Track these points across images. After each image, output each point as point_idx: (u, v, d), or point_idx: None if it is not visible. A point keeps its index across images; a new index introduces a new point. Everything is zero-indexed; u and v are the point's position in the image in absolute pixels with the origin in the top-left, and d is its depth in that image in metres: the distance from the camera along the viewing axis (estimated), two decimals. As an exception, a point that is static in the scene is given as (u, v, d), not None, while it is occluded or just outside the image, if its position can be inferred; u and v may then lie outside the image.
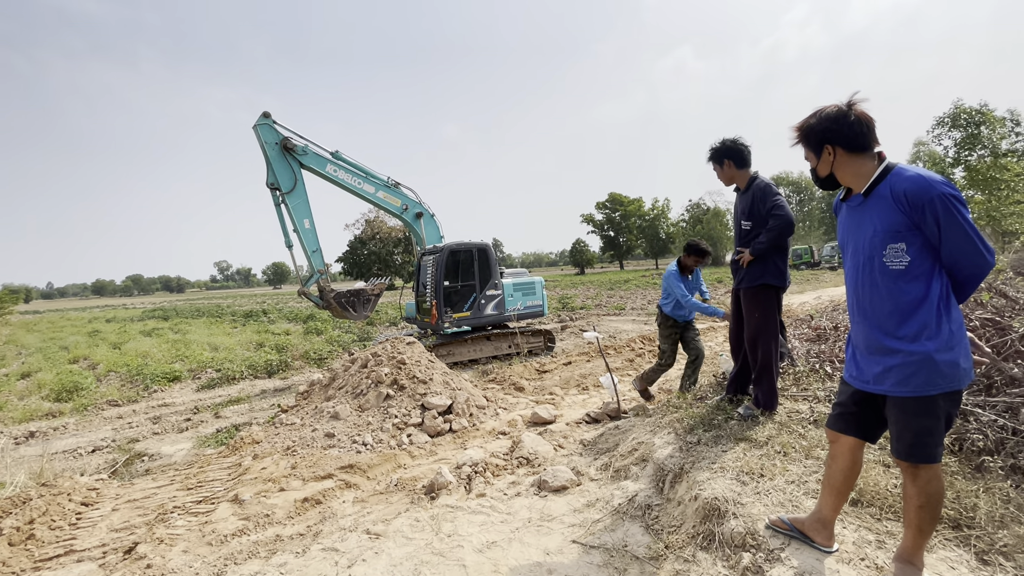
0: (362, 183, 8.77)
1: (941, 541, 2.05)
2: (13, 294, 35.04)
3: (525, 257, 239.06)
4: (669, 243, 69.87)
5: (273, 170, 7.78)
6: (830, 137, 1.83)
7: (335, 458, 4.18)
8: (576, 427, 4.71)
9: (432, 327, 8.81)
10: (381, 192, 9.00)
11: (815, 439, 2.88)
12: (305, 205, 8.06)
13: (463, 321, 8.88)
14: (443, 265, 8.63)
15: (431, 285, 8.64)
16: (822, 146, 1.86)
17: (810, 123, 1.89)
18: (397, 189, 9.15)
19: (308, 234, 7.93)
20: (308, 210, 8.07)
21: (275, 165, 7.78)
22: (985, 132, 23.79)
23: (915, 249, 1.71)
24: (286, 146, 7.85)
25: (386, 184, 9.05)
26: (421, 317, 9.19)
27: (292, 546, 2.92)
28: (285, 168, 7.89)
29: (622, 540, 2.64)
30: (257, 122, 7.83)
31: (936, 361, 1.68)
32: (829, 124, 1.83)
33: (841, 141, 1.82)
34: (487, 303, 9.19)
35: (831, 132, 1.82)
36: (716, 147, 3.52)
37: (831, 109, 1.84)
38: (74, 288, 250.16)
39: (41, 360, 12.31)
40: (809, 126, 1.89)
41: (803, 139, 1.93)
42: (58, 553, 3.04)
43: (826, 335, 4.63)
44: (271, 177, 7.77)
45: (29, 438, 6.30)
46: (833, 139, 1.83)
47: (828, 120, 1.83)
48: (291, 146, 7.88)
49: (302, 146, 8.05)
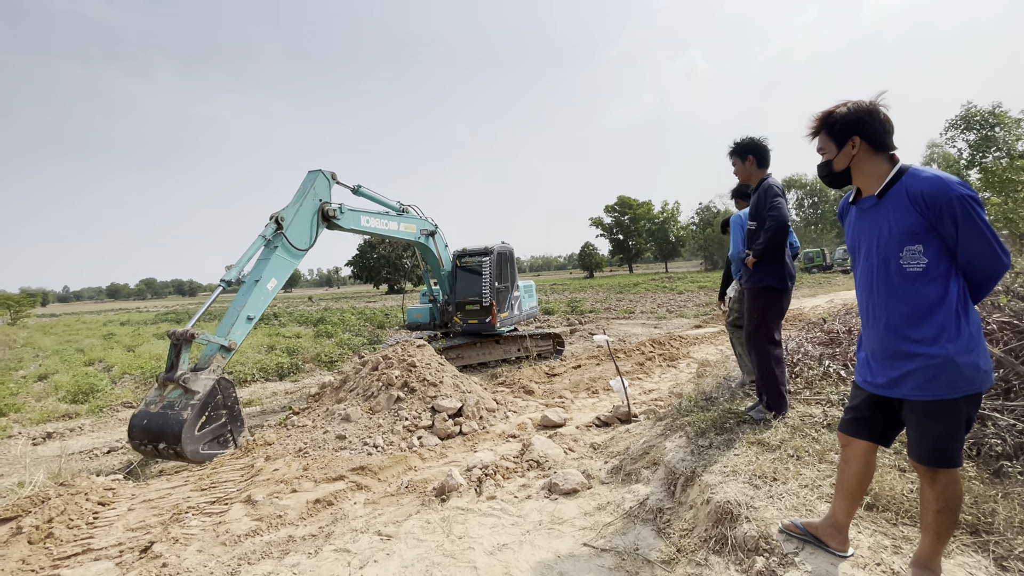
0: (387, 223, 7.96)
1: (959, 547, 2.02)
2: (31, 297, 35.67)
3: (533, 260, 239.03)
4: (679, 246, 69.49)
5: (297, 217, 6.18)
6: (860, 129, 1.78)
7: (346, 460, 4.21)
8: (586, 430, 4.70)
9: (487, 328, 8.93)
10: (402, 225, 8.31)
11: (828, 443, 2.85)
12: (292, 267, 6.22)
13: (506, 321, 9.15)
14: (495, 266, 8.92)
15: (486, 286, 8.79)
16: (848, 137, 1.81)
17: (840, 111, 1.82)
18: (408, 214, 8.63)
19: (262, 296, 5.77)
20: (287, 274, 6.17)
21: (301, 216, 6.25)
22: (1000, 133, 23.43)
23: (932, 251, 1.69)
24: (324, 212, 6.52)
25: (399, 213, 8.40)
26: (463, 319, 9.12)
27: (304, 547, 2.94)
28: (309, 227, 6.41)
29: (633, 543, 2.63)
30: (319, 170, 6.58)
31: (958, 364, 1.66)
32: (862, 115, 1.78)
33: (869, 135, 1.78)
34: (515, 304, 9.53)
35: (862, 124, 1.78)
36: (742, 142, 3.51)
37: (863, 102, 1.79)
38: (89, 291, 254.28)
39: (58, 362, 12.54)
40: (839, 114, 1.82)
41: (827, 127, 1.87)
42: (76, 552, 3.08)
43: (838, 339, 4.59)
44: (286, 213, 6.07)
45: (47, 439, 6.41)
46: (863, 131, 1.78)
47: (861, 111, 1.78)
48: (331, 214, 6.58)
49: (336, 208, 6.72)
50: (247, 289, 5.68)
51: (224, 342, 5.25)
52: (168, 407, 4.75)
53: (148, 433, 4.65)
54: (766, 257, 3.35)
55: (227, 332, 5.35)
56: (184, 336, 4.93)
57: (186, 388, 4.82)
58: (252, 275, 5.78)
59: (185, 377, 4.84)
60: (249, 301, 5.58)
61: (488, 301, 8.78)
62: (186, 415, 4.60)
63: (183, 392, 4.85)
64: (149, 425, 4.68)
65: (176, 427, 4.54)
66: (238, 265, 5.68)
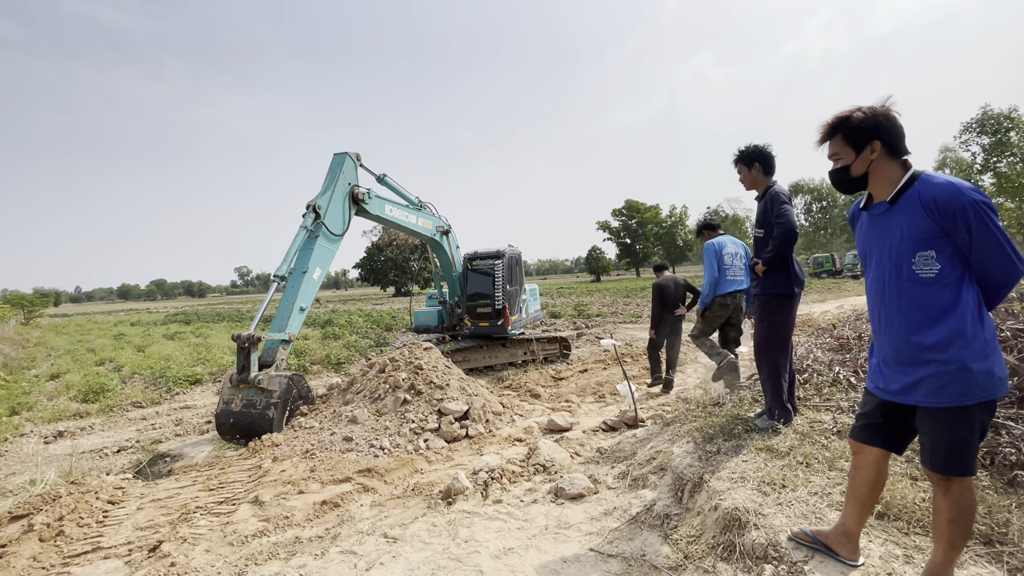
0: (407, 215, 7.98)
1: (972, 557, 1.99)
2: (44, 298, 36.14)
3: (540, 264, 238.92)
4: (686, 251, 69.18)
5: (331, 204, 6.33)
6: (879, 134, 1.76)
7: (353, 462, 4.22)
8: (593, 435, 4.68)
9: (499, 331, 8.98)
10: (420, 220, 8.34)
11: (838, 450, 2.82)
12: (333, 254, 6.41)
13: (516, 324, 9.22)
14: (508, 269, 8.97)
15: (500, 289, 8.84)
16: (867, 142, 1.78)
17: (857, 116, 1.80)
18: (425, 211, 8.65)
19: (310, 286, 6.02)
20: (330, 262, 6.40)
21: (335, 202, 6.40)
22: (1015, 138, 23.15)
23: (945, 256, 1.68)
24: (354, 195, 6.66)
25: (418, 208, 8.42)
26: (474, 322, 9.13)
27: (311, 548, 2.95)
28: (342, 212, 6.55)
29: (640, 549, 2.61)
30: (345, 153, 6.63)
31: (972, 370, 1.63)
32: (881, 120, 1.76)
33: (888, 140, 1.76)
34: (523, 307, 9.62)
35: (882, 128, 1.76)
36: (746, 149, 3.53)
37: (879, 106, 1.78)
38: (101, 292, 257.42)
39: (69, 362, 12.69)
40: (857, 119, 1.79)
41: (843, 132, 1.84)
42: (86, 550, 3.11)
43: (849, 344, 4.55)
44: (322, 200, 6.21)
45: (58, 437, 6.48)
46: (883, 136, 1.76)
47: (880, 116, 1.76)
48: (360, 197, 6.71)
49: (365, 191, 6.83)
50: (296, 281, 5.95)
51: (284, 336, 5.77)
52: (249, 406, 5.34)
53: (237, 429, 5.29)
54: (774, 264, 3.35)
55: (284, 326, 5.81)
56: (251, 339, 5.40)
57: (262, 388, 5.34)
58: (298, 267, 6.02)
59: (259, 379, 5.35)
60: (300, 292, 5.90)
61: (501, 304, 8.82)
62: (271, 413, 5.21)
63: (258, 391, 5.36)
64: (237, 423, 5.31)
65: (266, 424, 5.16)
66: (287, 259, 5.90)
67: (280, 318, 5.88)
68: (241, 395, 5.41)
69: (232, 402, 5.39)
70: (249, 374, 5.34)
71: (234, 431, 5.29)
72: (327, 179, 6.48)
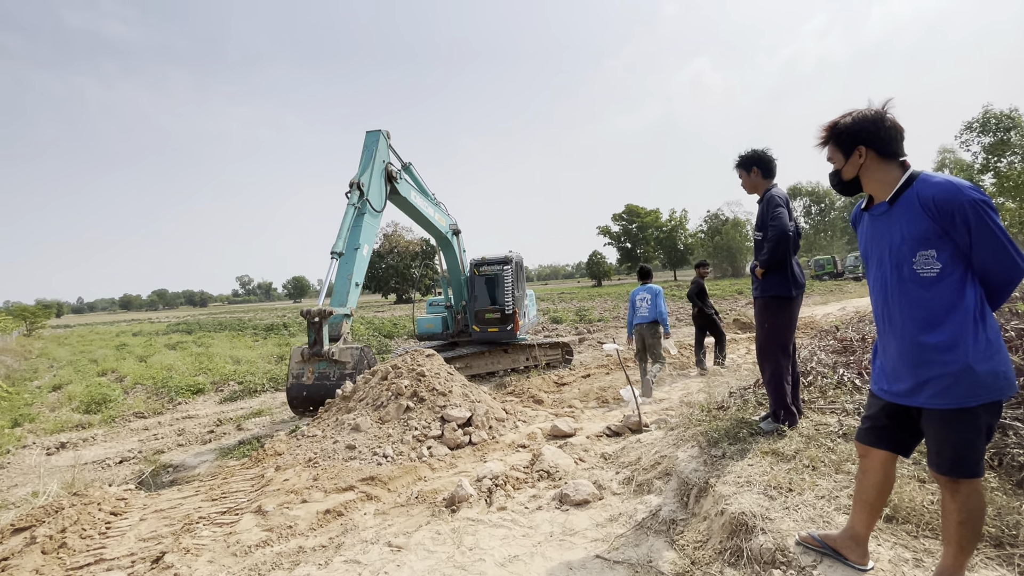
0: (427, 206, 8.17)
1: (982, 560, 1.97)
2: (46, 308, 36.17)
3: (541, 269, 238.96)
4: (687, 255, 69.19)
5: (372, 181, 6.69)
6: (864, 138, 1.79)
7: (356, 470, 4.20)
8: (597, 440, 4.66)
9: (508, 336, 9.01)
10: (438, 215, 8.45)
11: (845, 453, 2.80)
12: (376, 230, 6.90)
13: (523, 328, 9.32)
14: (515, 274, 8.98)
15: (509, 294, 8.85)
16: (854, 147, 1.82)
17: (844, 122, 1.83)
18: (441, 207, 8.76)
19: (362, 262, 6.49)
20: (374, 237, 6.86)
21: (375, 179, 6.76)
22: (1016, 138, 23.18)
23: (946, 255, 1.67)
24: (388, 173, 7.02)
25: (435, 203, 8.53)
26: (482, 328, 9.11)
27: (315, 557, 2.93)
28: (380, 188, 6.90)
29: (647, 555, 2.59)
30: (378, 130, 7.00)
31: (976, 371, 1.62)
32: (866, 125, 1.78)
33: (875, 144, 1.78)
34: (526, 312, 9.67)
35: (867, 133, 1.78)
36: (746, 154, 3.57)
37: (868, 111, 1.80)
38: (103, 303, 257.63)
39: (71, 373, 12.69)
40: (843, 125, 1.83)
41: (833, 138, 1.88)
42: (89, 562, 3.10)
43: (852, 346, 4.53)
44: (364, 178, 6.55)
45: (60, 448, 6.47)
46: (868, 140, 1.78)
47: (865, 121, 1.79)
48: (393, 175, 7.07)
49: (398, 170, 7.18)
50: (349, 258, 6.33)
51: (346, 311, 6.18)
52: (323, 378, 5.69)
53: (311, 401, 5.59)
54: (772, 267, 3.37)
55: (345, 301, 6.20)
56: (323, 314, 5.75)
57: (335, 360, 5.73)
58: (350, 244, 6.37)
59: (332, 352, 5.74)
60: (355, 269, 6.34)
61: (511, 309, 8.83)
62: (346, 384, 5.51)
63: (330, 363, 5.75)
64: (311, 395, 5.63)
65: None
66: (341, 236, 6.22)
67: (339, 294, 6.21)
68: (312, 368, 5.70)
69: (303, 376, 5.68)
70: (322, 347, 5.65)
71: (307, 403, 5.51)
72: (363, 157, 6.77)
